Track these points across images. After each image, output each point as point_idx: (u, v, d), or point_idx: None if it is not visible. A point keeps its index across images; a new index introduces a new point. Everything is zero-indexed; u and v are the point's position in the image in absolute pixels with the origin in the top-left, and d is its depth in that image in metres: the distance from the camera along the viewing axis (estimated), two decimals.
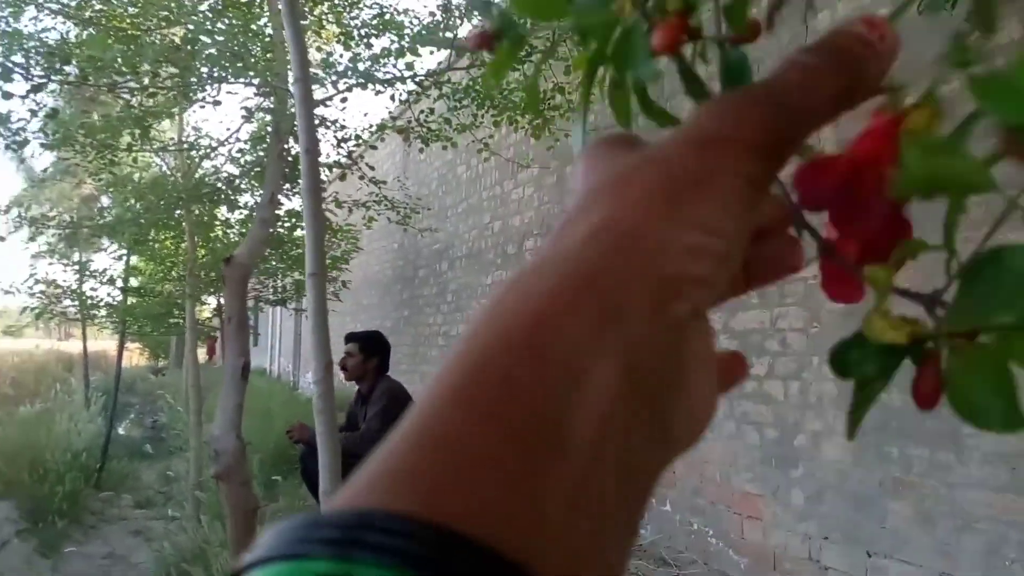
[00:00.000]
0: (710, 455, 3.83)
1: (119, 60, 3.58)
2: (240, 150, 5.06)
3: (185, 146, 5.37)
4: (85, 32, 4.15)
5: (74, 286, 7.40)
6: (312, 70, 4.59)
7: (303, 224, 5.55)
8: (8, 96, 3.53)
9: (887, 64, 0.27)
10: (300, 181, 1.82)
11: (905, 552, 2.77)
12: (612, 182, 0.24)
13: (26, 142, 3.87)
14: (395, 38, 4.26)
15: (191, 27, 3.81)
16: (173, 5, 4.00)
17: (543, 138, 4.40)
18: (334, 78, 4.24)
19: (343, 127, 4.75)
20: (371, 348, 4.54)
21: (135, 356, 24.29)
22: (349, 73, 4.18)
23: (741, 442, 3.62)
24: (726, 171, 0.24)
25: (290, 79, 1.86)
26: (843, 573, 3.01)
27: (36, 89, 3.62)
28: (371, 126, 4.85)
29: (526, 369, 0.20)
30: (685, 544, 3.96)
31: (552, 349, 0.20)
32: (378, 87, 4.28)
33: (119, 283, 7.10)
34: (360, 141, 4.88)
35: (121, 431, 10.75)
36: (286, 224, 5.58)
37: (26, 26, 4.01)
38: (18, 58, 3.70)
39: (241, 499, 3.23)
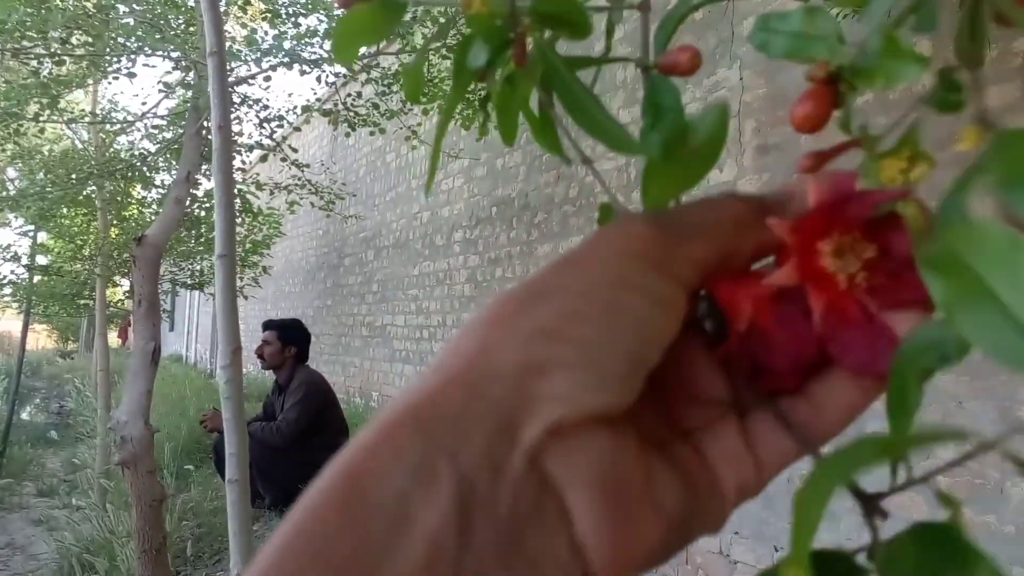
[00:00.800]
0: None
1: (27, 23, 3.38)
2: (156, 126, 4.86)
3: (99, 119, 5.13)
4: None
5: None
6: (236, 47, 4.45)
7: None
8: None
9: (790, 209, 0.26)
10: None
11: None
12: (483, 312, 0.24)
13: None
14: (324, 18, 4.15)
15: None
16: None
17: (472, 128, 4.37)
18: (258, 55, 4.11)
19: (266, 107, 4.61)
20: (289, 336, 4.45)
21: (42, 338, 23.27)
22: (274, 51, 4.06)
23: None
24: (586, 278, 0.23)
25: (207, 52, 1.78)
26: (751, 567, 3.09)
27: None
28: (296, 108, 4.73)
29: (347, 519, 0.20)
30: None
31: (373, 498, 0.20)
32: (304, 67, 4.17)
33: (24, 260, 6.75)
34: (284, 122, 4.75)
35: (24, 416, 10.28)
36: (205, 205, 5.40)
37: None
38: None
39: (147, 488, 3.11)
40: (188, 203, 4.04)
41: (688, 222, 0.25)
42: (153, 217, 5.89)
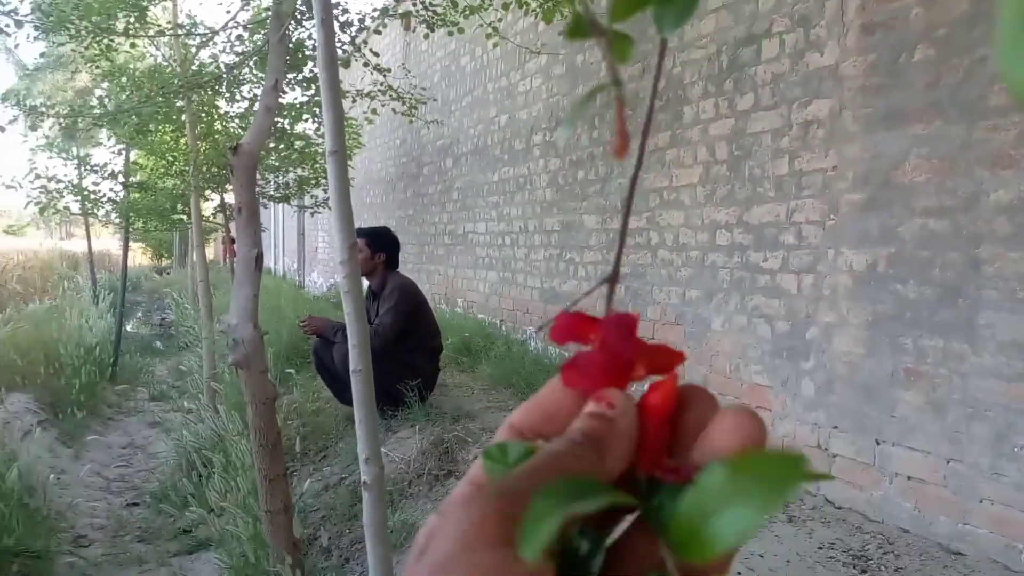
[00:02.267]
0: (719, 347, 3.86)
1: None
2: (239, 36, 4.87)
3: (182, 33, 5.17)
4: None
5: (75, 181, 7.32)
6: None
7: (307, 115, 5.44)
8: None
9: (626, 423, 0.30)
10: (312, 57, 1.73)
11: (913, 439, 2.82)
12: None
13: (20, 25, 3.71)
14: None
15: None
16: None
17: (554, 21, 4.22)
18: None
19: (345, 11, 4.55)
20: (379, 243, 4.53)
21: (137, 256, 24.35)
22: None
23: (752, 335, 3.64)
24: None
25: None
26: (850, 460, 3.08)
27: None
28: (374, 10, 4.65)
29: None
30: None
31: None
32: None
33: (120, 178, 7.00)
34: (363, 27, 4.69)
35: (130, 328, 10.87)
36: (288, 116, 5.44)
37: None
38: None
39: (260, 387, 3.27)
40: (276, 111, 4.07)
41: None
42: (239, 131, 5.98)
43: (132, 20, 4.15)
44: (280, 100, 4.56)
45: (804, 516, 2.96)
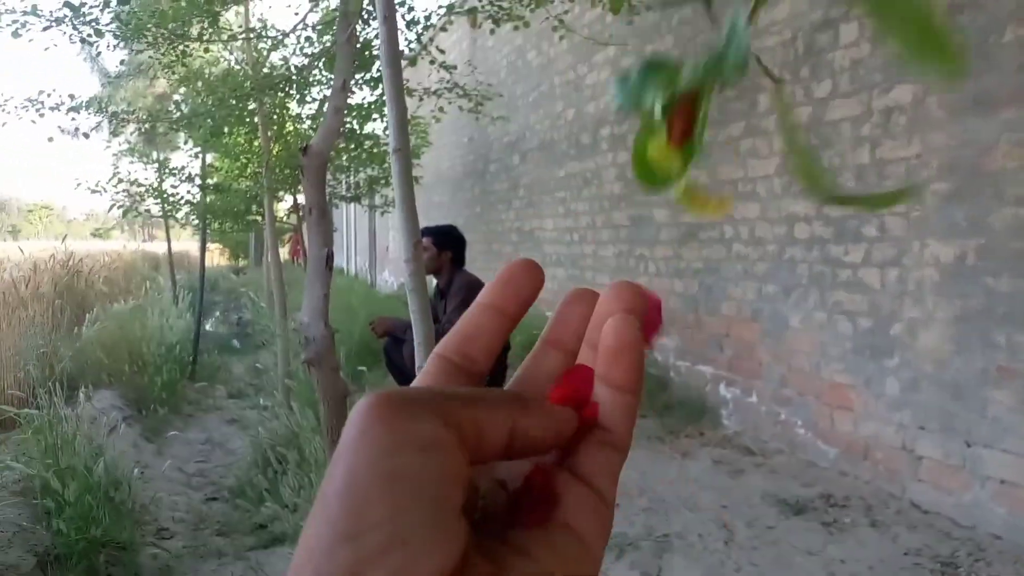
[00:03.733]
0: (798, 345, 3.73)
1: None
2: (308, 38, 4.95)
3: (252, 36, 5.29)
4: None
5: (155, 184, 7.58)
6: None
7: (375, 115, 5.49)
8: None
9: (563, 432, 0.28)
10: (378, 57, 1.73)
11: (1007, 442, 2.66)
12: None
13: (101, 34, 3.85)
14: None
15: None
16: None
17: (622, 11, 4.15)
18: None
19: (411, 8, 4.57)
20: (445, 242, 4.53)
21: (215, 256, 25.16)
22: None
23: (832, 332, 3.50)
24: (347, 473, 0.23)
25: None
26: (939, 463, 2.93)
27: None
28: (440, 8, 4.66)
29: None
30: (771, 434, 3.92)
31: None
32: None
33: (197, 181, 7.23)
34: (429, 24, 4.70)
35: (208, 327, 11.21)
36: (357, 116, 5.51)
37: None
38: None
39: (332, 385, 3.31)
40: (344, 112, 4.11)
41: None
42: (310, 132, 6.09)
43: (205, 25, 4.25)
44: (348, 100, 4.62)
45: (888, 520, 2.83)
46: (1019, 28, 2.65)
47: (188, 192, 7.09)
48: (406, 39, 4.79)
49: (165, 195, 7.32)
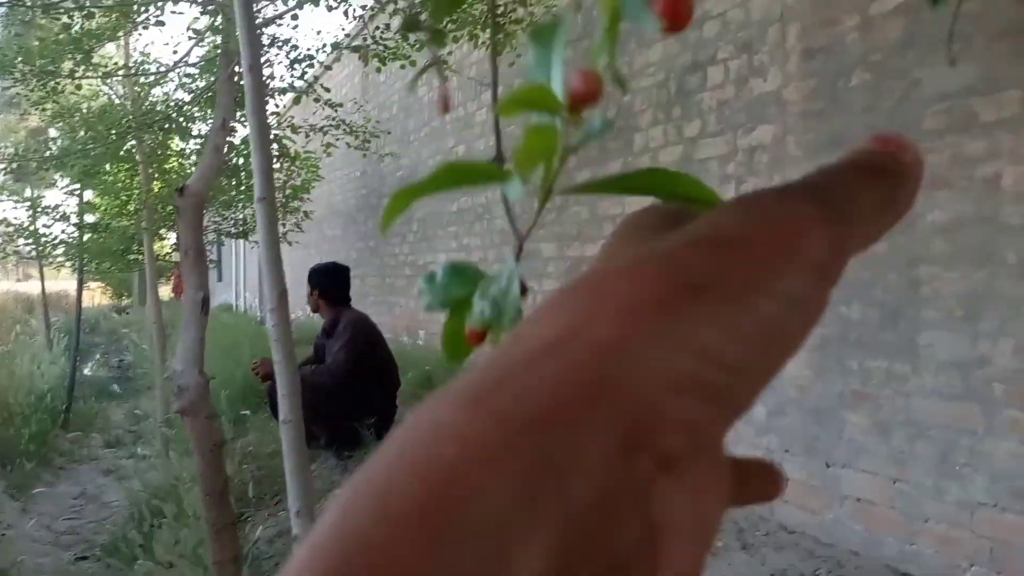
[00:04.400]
0: None
1: None
2: (189, 75, 4.85)
3: (132, 72, 5.14)
4: None
5: (27, 224, 7.19)
6: None
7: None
8: None
9: (917, 176, 0.22)
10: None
11: (862, 461, 2.84)
12: (600, 275, 0.18)
13: None
14: None
15: None
16: None
17: (505, 54, 4.27)
18: None
19: (296, 47, 4.56)
20: (316, 281, 4.53)
21: (97, 295, 23.93)
22: None
23: None
24: (747, 284, 0.18)
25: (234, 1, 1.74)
26: (802, 483, 3.09)
27: None
28: (325, 46, 4.66)
29: (426, 544, 0.14)
30: None
31: (462, 523, 0.14)
32: (330, 2, 4.10)
33: (74, 219, 6.90)
34: (314, 62, 4.70)
35: (87, 371, 10.66)
36: (244, 153, 5.42)
37: None
38: None
39: (206, 434, 3.20)
40: (226, 151, 4.05)
41: (860, 209, 0.21)
42: (192, 169, 5.93)
43: (78, 61, 4.11)
44: (230, 139, 4.54)
45: (758, 543, 2.96)
46: (864, 73, 2.88)
47: (63, 231, 6.75)
48: (292, 76, 4.76)
49: (38, 235, 6.95)
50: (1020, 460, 2.36)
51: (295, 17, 4.29)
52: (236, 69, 3.66)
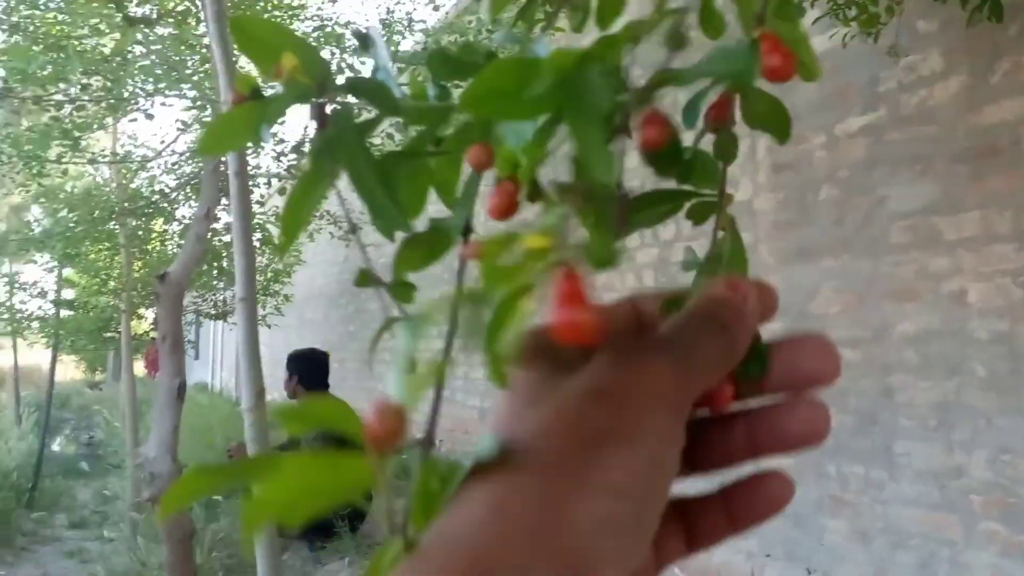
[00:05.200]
0: None
1: (46, 70, 3.44)
2: (175, 163, 4.93)
3: (119, 158, 5.21)
4: (12, 39, 3.99)
5: (3, 299, 7.13)
6: None
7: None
8: None
9: (753, 323, 0.28)
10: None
11: (843, 569, 2.81)
12: (520, 443, 0.22)
13: None
14: (336, 51, 4.20)
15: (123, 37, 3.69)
16: (105, 12, 3.87)
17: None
18: None
19: (282, 140, 4.66)
20: (293, 367, 4.53)
21: (70, 369, 23.53)
22: None
23: None
24: (632, 427, 0.22)
25: (221, 95, 1.80)
26: None
27: None
28: (311, 137, 4.76)
29: None
30: None
31: None
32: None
33: (51, 296, 6.86)
34: (300, 152, 4.80)
35: (56, 448, 10.39)
36: (224, 238, 5.46)
37: None
38: None
39: (177, 524, 3.12)
40: (208, 236, 4.08)
41: (700, 359, 0.25)
42: (175, 251, 5.96)
43: (66, 148, 4.18)
44: (214, 226, 4.58)
45: None
46: (831, 188, 2.98)
47: (40, 308, 6.70)
48: (278, 166, 4.85)
49: (14, 311, 6.89)
50: (999, 572, 2.35)
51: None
52: (221, 160, 3.73)
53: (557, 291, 0.24)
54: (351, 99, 0.35)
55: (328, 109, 0.32)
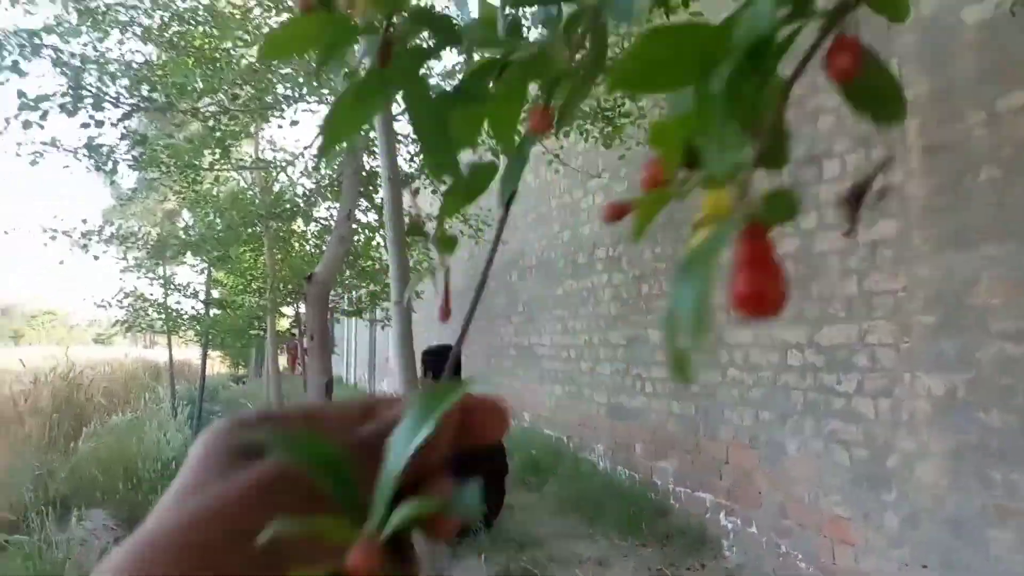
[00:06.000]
0: (796, 473, 3.71)
1: (200, 83, 3.68)
2: (315, 167, 5.16)
3: (263, 164, 5.51)
4: (167, 55, 4.30)
5: (160, 299, 7.70)
6: None
7: (378, 236, 5.64)
8: (100, 124, 3.69)
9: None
10: (378, 199, 1.83)
11: None
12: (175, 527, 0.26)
13: (116, 164, 4.04)
14: None
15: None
16: (249, 26, 4.10)
17: (614, 147, 4.35)
18: None
19: (415, 140, 4.79)
20: (427, 363, 4.62)
21: (216, 364, 25.13)
22: None
23: (829, 461, 3.50)
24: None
25: None
26: None
27: (126, 116, 3.77)
28: None
29: None
30: (773, 567, 3.84)
31: None
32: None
33: (202, 296, 7.34)
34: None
35: None
36: (359, 239, 5.67)
37: (110, 50, 4.18)
38: (108, 86, 3.85)
39: None
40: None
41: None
42: (313, 250, 6.24)
43: (217, 156, 4.46)
44: (353, 226, 4.76)
45: None
46: (992, 169, 2.78)
47: (192, 308, 7.19)
48: (411, 167, 4.99)
49: (170, 311, 7.42)
50: None
51: None
52: (362, 164, 3.87)
53: (742, 254, 0.22)
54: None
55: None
